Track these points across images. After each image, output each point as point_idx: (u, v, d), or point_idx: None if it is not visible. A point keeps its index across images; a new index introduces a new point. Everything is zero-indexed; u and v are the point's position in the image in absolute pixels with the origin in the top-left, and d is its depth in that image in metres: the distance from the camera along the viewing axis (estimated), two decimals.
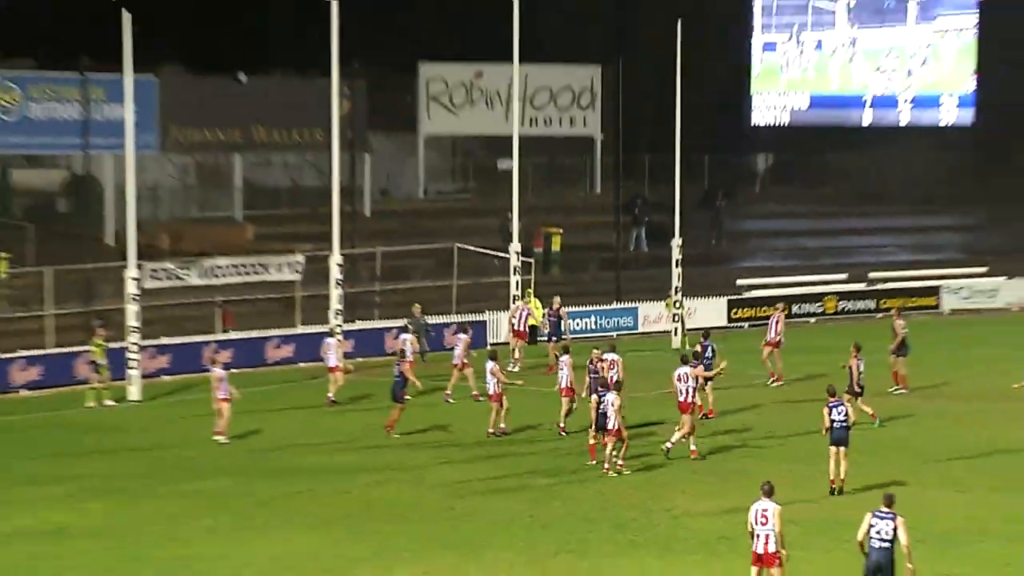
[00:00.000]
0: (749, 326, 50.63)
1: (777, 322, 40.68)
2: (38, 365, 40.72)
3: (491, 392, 34.16)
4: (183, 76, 59.02)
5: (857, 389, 33.88)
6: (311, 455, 32.79)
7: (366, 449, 33.21)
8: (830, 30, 71.86)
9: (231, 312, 45.89)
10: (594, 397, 31.28)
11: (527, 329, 44.15)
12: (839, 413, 28.64)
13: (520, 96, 51.49)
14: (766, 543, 21.24)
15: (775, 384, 39.84)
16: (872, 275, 56.10)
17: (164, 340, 42.68)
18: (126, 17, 38.42)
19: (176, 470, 31.53)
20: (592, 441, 31.06)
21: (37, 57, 57.65)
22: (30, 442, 34.82)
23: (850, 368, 34.18)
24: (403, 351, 36.40)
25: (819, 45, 72.09)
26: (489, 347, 40.60)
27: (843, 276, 55.97)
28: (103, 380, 38.72)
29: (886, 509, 21.05)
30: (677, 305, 48.18)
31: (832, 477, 28.46)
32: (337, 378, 38.39)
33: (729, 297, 52.49)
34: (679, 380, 31.61)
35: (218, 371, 34.18)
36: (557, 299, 44.31)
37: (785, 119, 72.23)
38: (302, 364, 43.30)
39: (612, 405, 30.06)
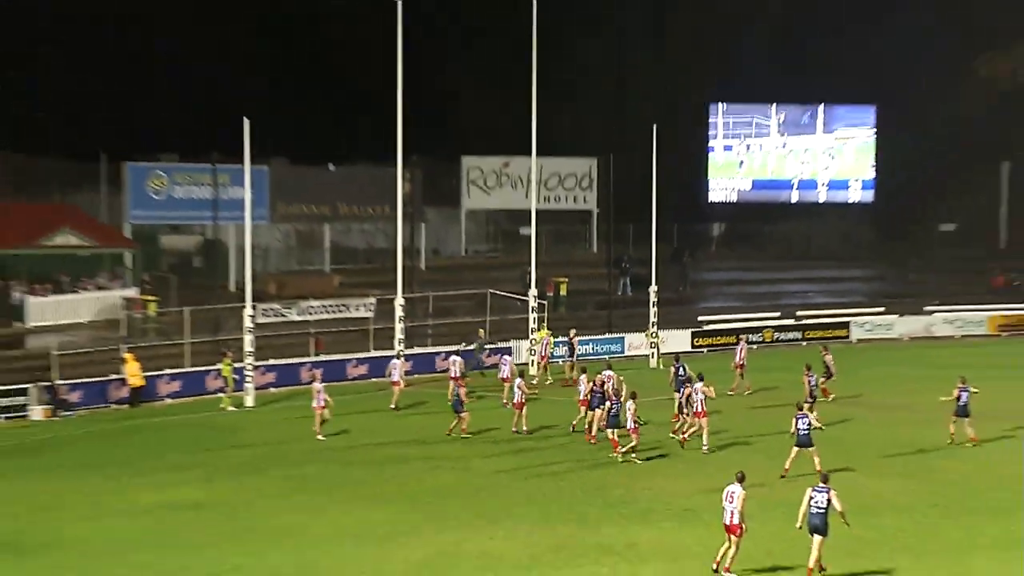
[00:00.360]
0: (708, 351, 50.12)
1: (741, 349, 40.36)
2: (178, 380, 40.45)
3: (516, 400, 33.77)
4: (287, 166, 59.15)
5: (810, 399, 33.24)
6: (378, 448, 32.34)
7: (420, 444, 32.74)
8: (767, 137, 72.49)
9: (322, 340, 45.62)
10: (607, 404, 30.81)
11: (548, 353, 43.77)
12: (803, 423, 27.96)
13: (537, 180, 51.36)
14: (731, 517, 21.02)
15: (730, 393, 39.23)
16: (799, 313, 55.59)
17: (272, 361, 42.35)
18: (246, 123, 38.38)
19: (279, 459, 31.15)
20: (611, 435, 30.37)
21: (180, 153, 57.98)
22: (172, 438, 34.53)
23: (804, 383, 33.87)
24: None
25: (760, 147, 72.51)
26: (515, 366, 40.10)
27: (777, 314, 55.37)
28: (230, 390, 38.55)
29: (822, 484, 21.04)
30: (654, 335, 47.77)
31: (787, 467, 27.72)
32: (397, 390, 38.00)
33: (693, 329, 51.96)
34: (696, 393, 31.13)
35: (317, 384, 33.87)
36: (573, 331, 44.15)
37: (734, 197, 72.07)
38: (373, 379, 42.91)
39: (630, 411, 29.61)
